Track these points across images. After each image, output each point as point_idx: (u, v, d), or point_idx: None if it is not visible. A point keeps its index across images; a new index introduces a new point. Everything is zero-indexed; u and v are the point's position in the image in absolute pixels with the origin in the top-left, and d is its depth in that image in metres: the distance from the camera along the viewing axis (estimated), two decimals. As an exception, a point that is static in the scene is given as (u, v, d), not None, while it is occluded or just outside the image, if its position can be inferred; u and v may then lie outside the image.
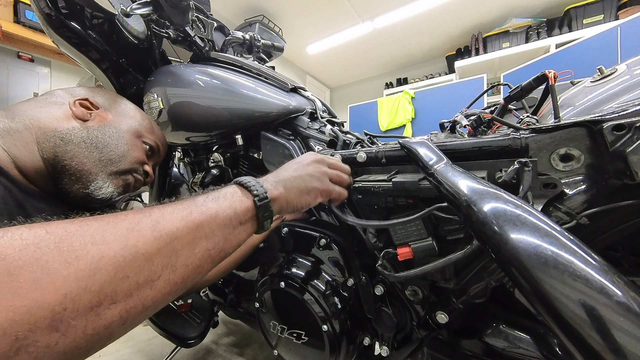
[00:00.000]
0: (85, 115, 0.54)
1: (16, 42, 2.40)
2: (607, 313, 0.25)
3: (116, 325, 0.26)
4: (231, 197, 0.39)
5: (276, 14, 3.53)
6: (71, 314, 0.23)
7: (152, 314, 0.30)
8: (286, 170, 0.51)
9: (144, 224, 0.29)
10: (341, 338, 0.58)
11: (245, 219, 0.39)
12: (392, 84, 4.75)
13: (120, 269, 0.26)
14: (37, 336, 0.21)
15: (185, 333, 0.83)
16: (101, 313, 0.24)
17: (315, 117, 0.83)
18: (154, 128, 0.67)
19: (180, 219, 0.32)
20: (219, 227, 0.35)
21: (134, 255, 0.27)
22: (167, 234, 0.30)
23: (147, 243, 0.28)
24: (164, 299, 0.30)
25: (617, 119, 0.37)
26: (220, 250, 0.36)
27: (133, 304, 0.26)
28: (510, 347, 0.51)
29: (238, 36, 1.00)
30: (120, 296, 0.25)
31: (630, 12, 2.47)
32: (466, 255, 0.41)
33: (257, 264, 0.79)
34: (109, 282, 0.25)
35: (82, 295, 0.23)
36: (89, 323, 0.24)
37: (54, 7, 0.66)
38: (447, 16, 3.54)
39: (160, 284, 0.29)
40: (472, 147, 0.49)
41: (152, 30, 0.85)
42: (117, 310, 0.25)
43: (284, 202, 0.46)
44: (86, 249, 0.25)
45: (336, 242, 0.64)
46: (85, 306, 0.23)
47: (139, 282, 0.27)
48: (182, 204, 0.35)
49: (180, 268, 0.30)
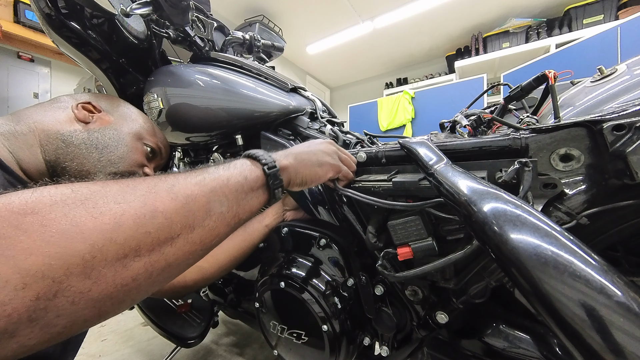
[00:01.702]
0: (87, 117, 0.56)
1: (16, 42, 2.40)
2: (607, 313, 0.25)
3: (143, 277, 0.27)
4: (241, 166, 0.41)
5: (276, 14, 3.53)
6: (100, 262, 0.24)
7: (176, 275, 0.32)
8: (298, 147, 0.54)
9: (160, 187, 0.32)
10: (341, 338, 0.58)
11: (257, 186, 0.41)
12: (392, 84, 4.75)
13: (141, 225, 0.28)
14: (71, 281, 0.23)
15: (185, 333, 0.83)
16: (128, 264, 0.26)
17: (315, 117, 0.83)
18: (156, 131, 0.68)
19: (194, 184, 0.34)
20: (232, 192, 0.37)
21: (153, 213, 0.29)
22: (182, 196, 0.32)
23: (164, 203, 0.30)
24: (185, 257, 0.32)
25: (617, 119, 0.37)
26: (234, 215, 0.37)
27: (156, 258, 0.28)
28: (510, 347, 0.51)
29: (238, 36, 1.00)
30: (144, 250, 0.27)
31: (630, 12, 2.47)
32: (466, 255, 0.41)
33: (257, 264, 0.79)
34: (132, 236, 0.27)
35: (108, 246, 0.25)
36: (117, 273, 0.25)
37: (54, 7, 0.66)
38: (447, 16, 3.54)
39: (180, 242, 0.30)
40: (472, 147, 0.49)
41: (152, 30, 0.85)
42: (142, 263, 0.27)
43: (293, 171, 0.48)
44: (109, 206, 0.27)
45: (336, 242, 0.64)
46: (113, 256, 0.25)
47: (159, 239, 0.29)
48: (195, 171, 0.37)
49: (197, 228, 0.32)
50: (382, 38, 4.01)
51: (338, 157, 0.56)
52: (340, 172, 0.55)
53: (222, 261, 0.70)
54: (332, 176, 0.54)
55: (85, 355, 1.09)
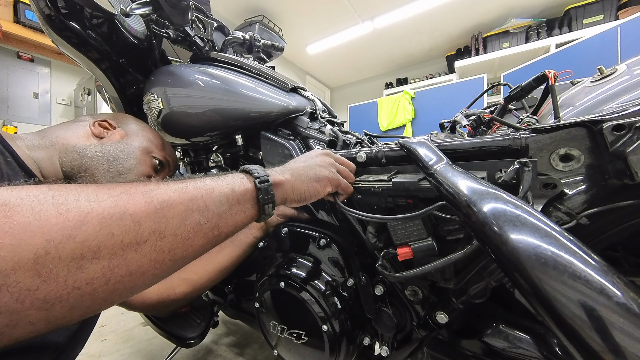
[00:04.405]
0: (102, 133, 0.61)
1: (16, 42, 2.40)
2: (606, 313, 0.25)
3: (99, 283, 0.26)
4: (232, 178, 0.40)
5: (276, 14, 3.53)
6: (53, 259, 0.23)
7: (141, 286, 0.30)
8: (294, 162, 0.53)
9: (137, 190, 0.31)
10: (341, 338, 0.58)
11: (244, 200, 0.39)
12: (392, 84, 4.75)
13: (106, 225, 0.26)
14: (19, 276, 0.22)
15: (185, 333, 0.83)
16: (84, 266, 0.25)
17: (315, 117, 0.83)
18: (165, 145, 0.72)
19: (173, 190, 0.33)
20: (214, 203, 0.36)
21: (122, 214, 0.28)
22: (158, 201, 0.31)
23: (136, 205, 0.29)
24: (151, 266, 0.29)
25: (617, 119, 0.37)
26: (213, 227, 0.35)
27: (117, 263, 0.27)
28: (510, 347, 0.50)
29: (238, 36, 1.00)
30: (104, 252, 0.26)
31: (630, 12, 2.47)
32: (466, 255, 0.41)
33: (257, 264, 0.79)
34: (93, 235, 0.25)
35: (65, 244, 0.24)
36: (70, 273, 0.24)
37: (53, 7, 0.66)
38: (447, 16, 3.54)
39: (146, 248, 0.29)
40: (472, 147, 0.49)
41: (152, 30, 0.85)
42: (100, 267, 0.26)
43: (289, 188, 0.46)
44: (78, 204, 0.26)
45: (336, 242, 0.64)
46: (68, 255, 0.24)
47: (124, 242, 0.27)
48: (180, 180, 0.36)
49: (168, 236, 0.31)
50: (382, 38, 4.01)
51: (336, 169, 0.54)
52: (339, 185, 0.54)
53: (211, 272, 0.72)
54: (330, 190, 0.53)
55: (85, 355, 1.09)
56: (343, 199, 0.56)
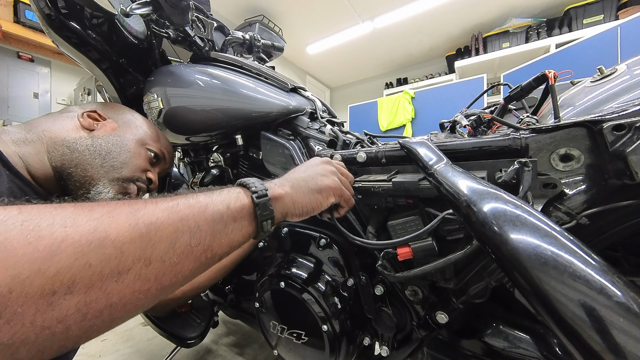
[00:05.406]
0: (91, 125, 0.57)
1: (16, 42, 2.40)
2: (606, 313, 0.25)
3: (73, 320, 0.23)
4: (227, 193, 0.37)
5: (276, 14, 3.53)
6: (18, 298, 0.20)
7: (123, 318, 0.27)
8: (294, 172, 0.50)
9: (121, 211, 0.27)
10: (341, 338, 0.58)
11: (240, 216, 0.37)
12: (392, 84, 4.75)
13: (82, 255, 0.23)
14: None
15: (185, 333, 0.83)
16: (54, 302, 0.22)
17: (315, 117, 0.83)
18: (160, 137, 0.69)
19: (162, 210, 0.30)
20: (207, 222, 0.32)
21: (101, 242, 0.24)
22: (144, 223, 0.27)
23: (119, 230, 0.26)
24: (134, 297, 0.26)
25: (617, 119, 0.37)
26: (205, 249, 0.32)
27: (95, 296, 0.23)
28: (510, 347, 0.50)
29: (238, 36, 1.00)
30: (80, 286, 0.23)
31: (630, 12, 2.47)
32: (466, 255, 0.41)
33: (257, 263, 0.79)
34: (67, 267, 0.22)
35: (33, 279, 0.21)
36: (38, 312, 0.21)
37: (53, 7, 0.66)
38: (447, 16, 3.54)
39: (129, 277, 0.25)
40: (472, 147, 0.49)
41: (152, 30, 0.85)
42: (74, 302, 0.22)
43: (290, 201, 0.43)
44: (52, 230, 0.23)
45: (336, 242, 0.64)
46: (36, 292, 0.21)
47: (103, 272, 0.24)
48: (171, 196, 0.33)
49: (155, 262, 0.27)
50: (382, 38, 4.01)
51: (337, 177, 0.51)
52: (342, 196, 0.51)
53: (211, 271, 0.71)
54: (334, 201, 0.50)
55: (85, 355, 1.09)
56: (345, 213, 0.54)
